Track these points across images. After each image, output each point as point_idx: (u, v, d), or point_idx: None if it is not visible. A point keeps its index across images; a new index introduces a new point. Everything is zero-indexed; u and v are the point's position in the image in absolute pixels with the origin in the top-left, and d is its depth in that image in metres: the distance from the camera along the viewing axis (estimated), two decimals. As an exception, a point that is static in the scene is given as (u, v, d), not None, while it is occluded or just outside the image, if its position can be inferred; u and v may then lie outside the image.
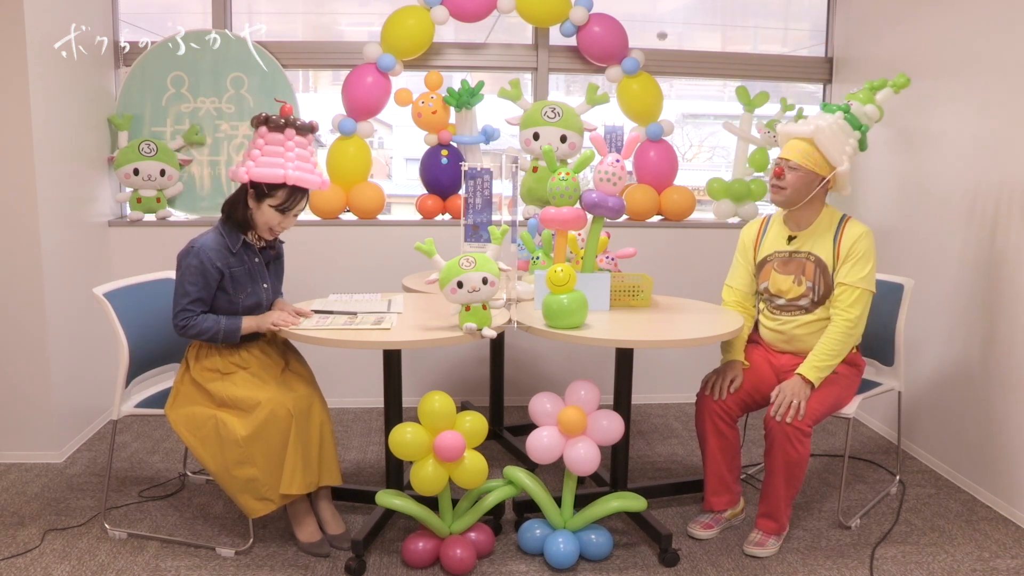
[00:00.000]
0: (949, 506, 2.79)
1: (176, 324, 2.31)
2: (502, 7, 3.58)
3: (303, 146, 2.39)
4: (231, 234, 2.37)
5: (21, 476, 2.93)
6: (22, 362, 3.02)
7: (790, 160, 2.42)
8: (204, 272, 2.28)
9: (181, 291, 2.29)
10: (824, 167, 2.41)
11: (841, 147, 2.41)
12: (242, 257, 2.37)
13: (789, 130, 2.47)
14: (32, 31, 2.87)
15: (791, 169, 2.42)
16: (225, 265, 2.32)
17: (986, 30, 2.83)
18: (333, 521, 2.46)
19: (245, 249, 2.39)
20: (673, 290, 3.29)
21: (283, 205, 2.34)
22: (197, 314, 2.30)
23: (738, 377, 2.51)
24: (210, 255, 2.29)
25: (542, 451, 2.33)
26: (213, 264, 2.29)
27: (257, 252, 2.43)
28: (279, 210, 2.34)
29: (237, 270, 2.35)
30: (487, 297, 2.22)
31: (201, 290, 2.29)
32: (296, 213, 2.39)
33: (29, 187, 2.92)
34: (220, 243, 2.34)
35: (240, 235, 2.38)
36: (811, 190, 2.43)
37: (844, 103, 2.52)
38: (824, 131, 2.38)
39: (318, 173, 2.41)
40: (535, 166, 3.24)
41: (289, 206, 2.35)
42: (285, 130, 2.35)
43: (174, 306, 2.31)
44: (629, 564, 2.36)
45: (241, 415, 2.27)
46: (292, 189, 2.33)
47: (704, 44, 4.21)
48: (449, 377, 3.85)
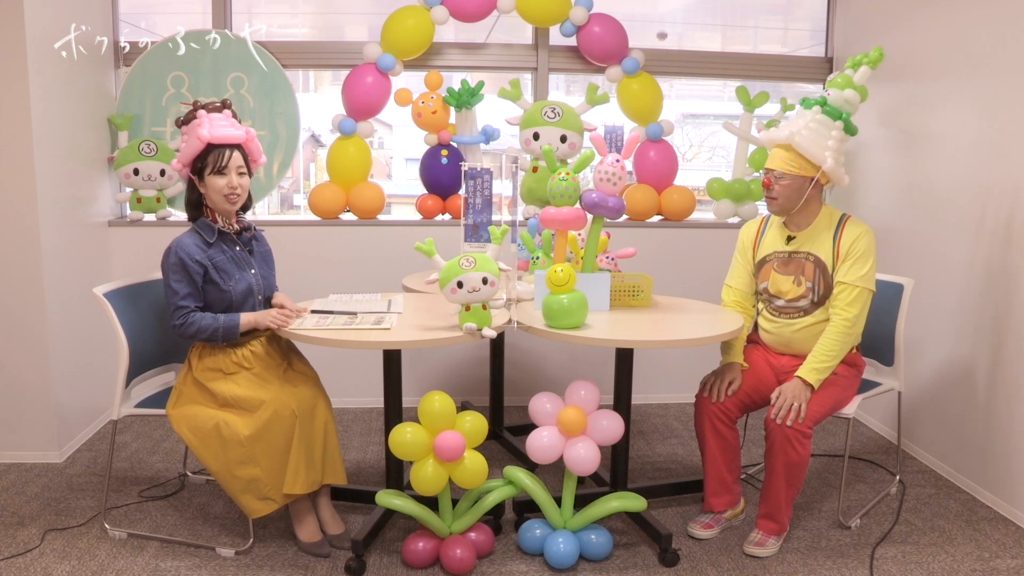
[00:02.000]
0: (949, 506, 2.79)
1: (174, 325, 2.32)
2: (502, 7, 3.58)
3: (216, 114, 2.45)
4: (204, 227, 2.41)
5: (21, 476, 2.93)
6: (22, 362, 3.02)
7: (774, 170, 2.43)
8: (185, 266, 2.31)
9: (170, 291, 2.32)
10: (809, 168, 2.40)
11: (822, 144, 2.39)
12: (221, 247, 2.41)
13: (766, 138, 2.49)
14: (32, 31, 2.87)
15: (777, 179, 2.43)
16: (205, 257, 2.35)
17: (986, 30, 2.83)
18: (332, 521, 2.46)
19: (223, 239, 2.43)
20: (673, 290, 3.28)
21: (217, 165, 2.37)
22: (192, 310, 2.32)
23: (736, 379, 2.51)
24: (188, 250, 2.33)
25: (542, 451, 2.33)
26: (192, 258, 2.32)
27: (235, 239, 2.46)
28: (217, 172, 2.37)
29: (219, 260, 2.38)
30: (487, 297, 2.22)
31: (188, 285, 2.32)
32: (238, 170, 2.40)
33: (29, 187, 2.92)
34: (195, 238, 2.38)
35: (212, 226, 2.41)
36: (803, 193, 2.43)
37: (822, 95, 2.50)
38: (799, 134, 2.38)
39: (241, 128, 2.46)
40: (535, 166, 3.23)
41: (223, 163, 2.38)
42: (196, 114, 2.42)
43: (168, 308, 2.33)
44: (629, 564, 2.36)
45: (244, 415, 2.28)
46: (219, 148, 2.38)
47: (704, 44, 4.22)
48: (449, 377, 3.84)
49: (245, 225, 2.51)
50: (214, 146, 2.37)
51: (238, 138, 2.43)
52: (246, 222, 2.52)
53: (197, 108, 2.44)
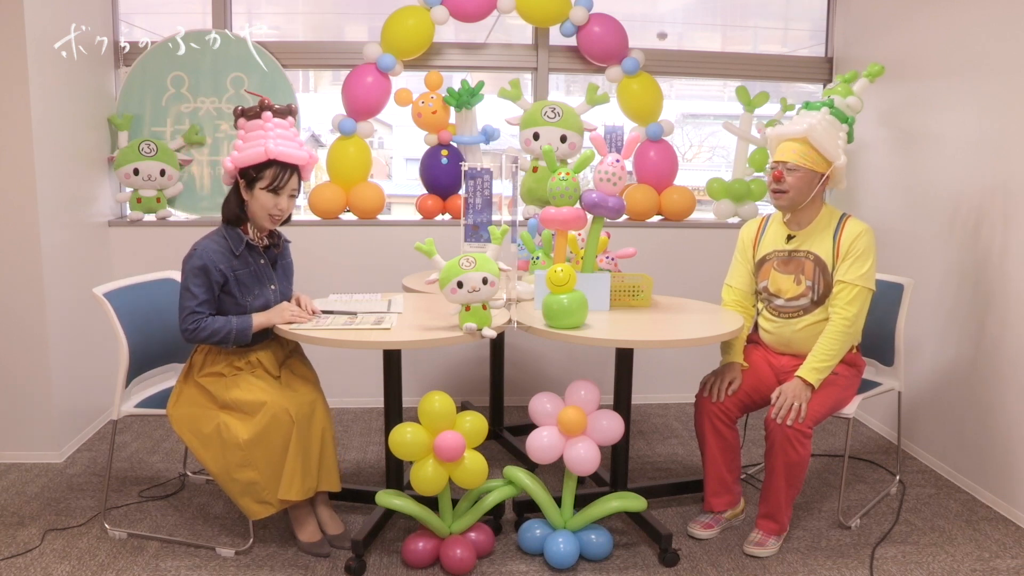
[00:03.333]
0: (949, 506, 2.79)
1: (185, 329, 2.25)
2: (502, 7, 3.58)
3: (283, 126, 2.38)
4: (233, 236, 2.34)
5: (21, 476, 2.93)
6: (22, 362, 3.02)
7: (787, 162, 2.42)
8: (207, 272, 2.25)
9: (188, 294, 2.25)
10: (821, 164, 2.41)
11: (835, 141, 2.42)
12: (246, 259, 2.35)
13: (781, 132, 2.48)
14: (32, 31, 2.87)
15: (790, 171, 2.42)
16: (229, 268, 2.29)
17: (986, 30, 2.83)
18: (331, 522, 2.45)
19: (249, 251, 2.36)
20: (673, 290, 3.28)
21: (273, 184, 2.30)
22: (205, 316, 2.26)
23: (736, 379, 2.51)
24: (213, 257, 2.26)
25: (542, 451, 2.33)
26: (216, 266, 2.26)
27: (261, 253, 2.40)
28: (270, 190, 2.30)
29: (242, 272, 2.32)
30: (487, 297, 2.22)
31: (207, 292, 2.26)
32: (290, 193, 2.34)
33: (29, 187, 2.92)
34: (223, 246, 2.31)
35: (242, 236, 2.35)
36: (812, 189, 2.43)
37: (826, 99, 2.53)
38: (817, 128, 2.39)
39: (305, 149, 2.39)
40: (535, 166, 3.24)
41: (279, 184, 2.31)
42: (262, 114, 2.35)
43: (181, 311, 2.26)
44: (629, 564, 2.36)
45: (244, 418, 2.27)
46: (279, 166, 2.31)
47: (704, 44, 4.22)
48: (449, 377, 3.84)
49: (275, 240, 2.45)
50: (275, 162, 2.30)
51: (301, 160, 2.36)
52: (276, 236, 2.46)
53: (264, 108, 2.36)
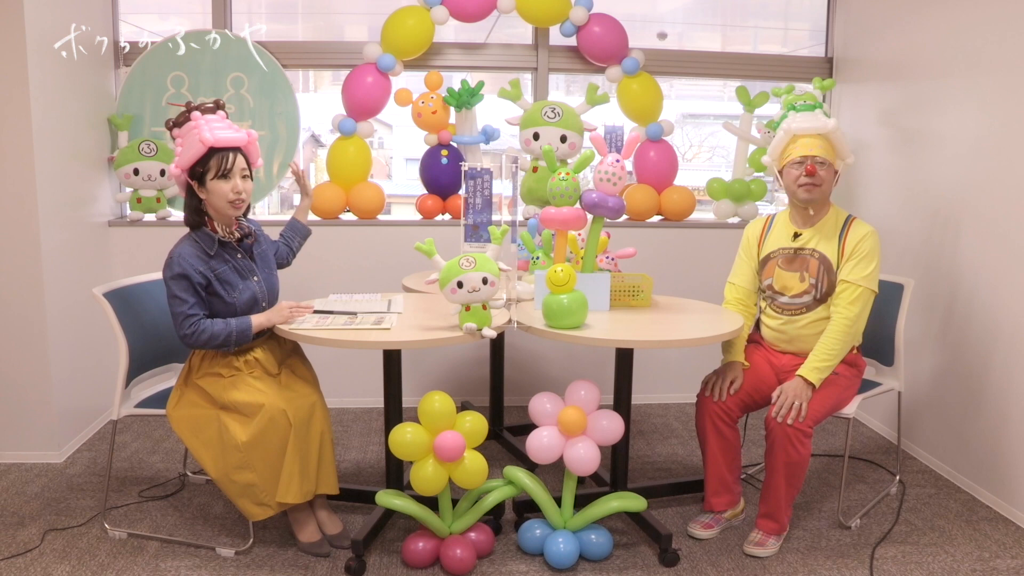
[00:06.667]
0: (949, 506, 2.79)
1: (184, 334, 2.25)
2: (502, 7, 3.58)
3: (214, 119, 2.37)
4: (203, 238, 2.33)
5: (21, 476, 2.93)
6: (22, 362, 3.02)
7: (817, 156, 2.44)
8: (188, 277, 2.24)
9: (176, 300, 2.25)
10: (837, 161, 2.50)
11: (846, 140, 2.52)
12: (223, 257, 2.34)
13: (807, 127, 2.46)
14: (32, 31, 2.87)
15: (821, 164, 2.44)
16: (208, 269, 2.28)
17: (986, 30, 2.83)
18: (330, 522, 2.45)
19: (224, 249, 2.35)
20: (673, 290, 3.28)
21: (220, 170, 2.28)
22: (201, 318, 2.26)
23: (738, 378, 2.51)
24: (190, 261, 2.26)
25: (542, 451, 2.33)
26: (195, 269, 2.25)
27: (236, 247, 2.39)
28: (221, 177, 2.29)
29: (222, 270, 2.31)
30: (487, 297, 2.22)
31: (194, 295, 2.26)
32: (242, 174, 2.33)
33: (29, 187, 2.92)
34: (197, 248, 2.30)
35: (212, 236, 2.33)
36: (832, 184, 2.50)
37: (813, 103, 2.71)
38: (837, 127, 2.48)
39: (243, 131, 2.37)
40: (535, 166, 3.23)
41: (227, 167, 2.29)
42: (191, 115, 2.36)
43: (175, 318, 2.25)
44: (629, 564, 2.36)
45: (242, 420, 2.26)
46: (221, 152, 2.29)
47: (704, 44, 4.21)
48: (449, 377, 3.84)
49: (246, 232, 2.42)
50: (216, 150, 2.29)
51: (240, 141, 2.35)
52: (247, 227, 2.44)
53: (190, 109, 2.37)
